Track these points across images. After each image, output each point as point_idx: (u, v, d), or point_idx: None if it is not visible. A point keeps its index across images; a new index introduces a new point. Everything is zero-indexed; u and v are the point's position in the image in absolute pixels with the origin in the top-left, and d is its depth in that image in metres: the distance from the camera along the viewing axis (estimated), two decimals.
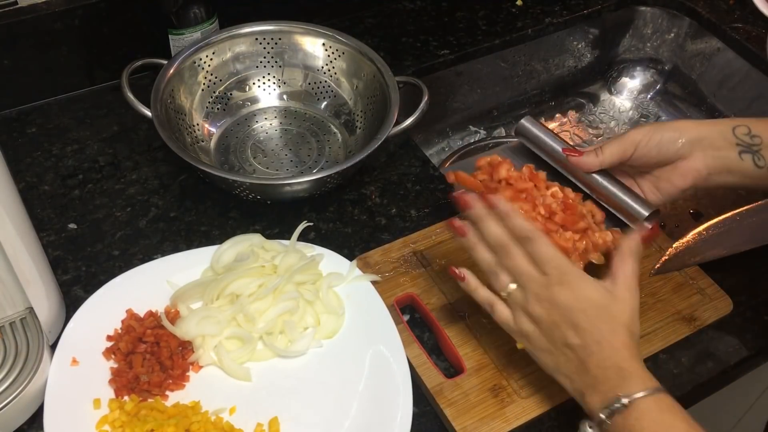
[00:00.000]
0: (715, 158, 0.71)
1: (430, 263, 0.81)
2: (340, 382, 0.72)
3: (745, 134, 0.71)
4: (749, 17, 1.18)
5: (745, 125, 0.71)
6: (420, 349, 0.73)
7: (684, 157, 0.72)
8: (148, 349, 0.72)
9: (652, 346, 0.75)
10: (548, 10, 1.19)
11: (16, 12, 0.92)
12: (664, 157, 0.72)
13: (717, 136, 0.71)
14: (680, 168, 0.72)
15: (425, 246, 0.83)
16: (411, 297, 0.78)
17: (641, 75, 1.32)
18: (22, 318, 0.70)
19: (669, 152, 0.72)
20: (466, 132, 1.23)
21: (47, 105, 1.00)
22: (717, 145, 0.71)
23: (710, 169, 0.72)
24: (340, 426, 0.68)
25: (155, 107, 0.86)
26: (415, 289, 0.79)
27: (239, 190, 0.83)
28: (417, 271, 0.80)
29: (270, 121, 0.99)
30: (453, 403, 0.70)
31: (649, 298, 0.78)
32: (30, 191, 0.89)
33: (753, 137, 0.71)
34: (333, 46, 0.97)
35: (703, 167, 0.71)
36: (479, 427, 0.68)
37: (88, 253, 0.82)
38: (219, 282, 0.75)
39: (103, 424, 0.67)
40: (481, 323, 0.75)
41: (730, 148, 0.71)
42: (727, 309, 0.78)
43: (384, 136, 0.85)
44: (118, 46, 1.00)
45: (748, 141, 0.71)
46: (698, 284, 0.80)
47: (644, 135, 0.72)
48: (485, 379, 0.72)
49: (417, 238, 0.84)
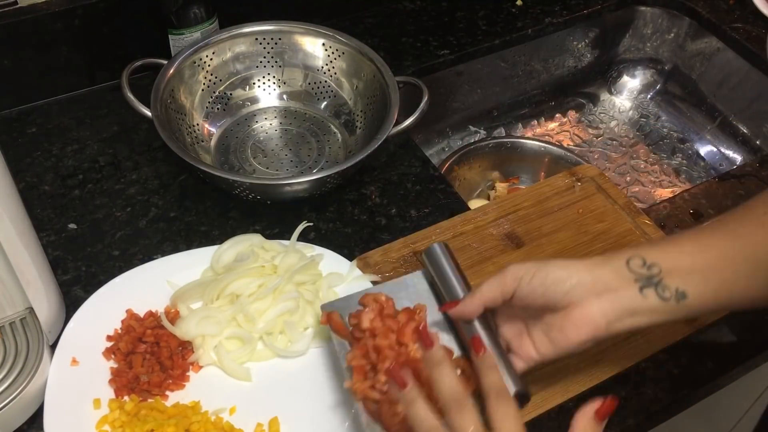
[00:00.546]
0: (613, 302, 0.59)
1: None
2: (340, 382, 0.71)
3: (640, 266, 0.60)
4: (749, 17, 1.18)
5: (638, 256, 0.60)
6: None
7: (576, 305, 0.60)
8: (148, 349, 0.72)
9: (652, 347, 0.75)
10: (548, 10, 1.19)
11: (16, 12, 0.92)
12: (551, 300, 0.60)
13: (611, 275, 0.60)
14: (573, 317, 0.60)
15: (425, 246, 0.83)
16: None
17: (641, 75, 1.32)
18: (22, 318, 0.70)
19: (556, 295, 0.60)
20: (466, 132, 1.23)
21: (47, 105, 1.00)
22: (613, 285, 0.60)
23: (609, 317, 0.59)
24: (340, 426, 0.68)
25: (155, 107, 0.86)
26: None
27: (239, 190, 0.83)
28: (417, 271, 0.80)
29: (270, 121, 0.99)
30: None
31: None
32: (30, 191, 0.89)
33: (650, 267, 0.60)
34: (333, 46, 0.97)
35: (600, 316, 0.59)
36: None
37: (88, 253, 0.83)
38: (219, 282, 0.75)
39: (103, 424, 0.67)
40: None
41: (629, 285, 0.60)
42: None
43: (384, 136, 0.85)
44: (118, 46, 1.00)
45: (646, 273, 0.60)
46: None
47: (526, 271, 0.61)
48: None
49: (416, 238, 0.84)
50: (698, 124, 1.26)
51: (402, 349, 0.62)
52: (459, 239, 0.84)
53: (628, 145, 1.27)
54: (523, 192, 0.91)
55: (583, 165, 1.03)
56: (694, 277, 0.59)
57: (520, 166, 1.18)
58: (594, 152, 1.25)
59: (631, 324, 0.60)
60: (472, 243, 0.84)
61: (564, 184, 0.91)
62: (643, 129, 1.29)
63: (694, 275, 0.60)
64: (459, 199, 0.91)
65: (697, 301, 0.59)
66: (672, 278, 0.59)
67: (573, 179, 0.91)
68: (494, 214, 0.87)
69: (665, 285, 0.59)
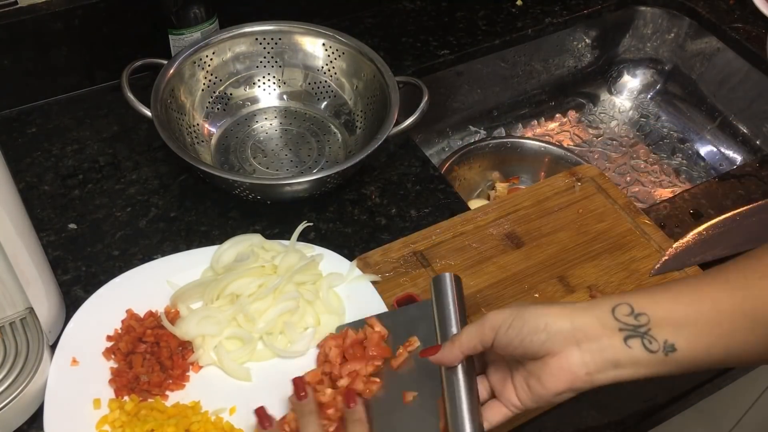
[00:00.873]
0: (594, 353, 0.56)
1: (430, 263, 0.81)
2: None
3: (627, 314, 0.56)
4: (749, 17, 1.18)
5: (625, 303, 0.56)
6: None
7: (553, 354, 0.56)
8: (148, 349, 0.72)
9: None
10: (548, 10, 1.19)
11: (16, 12, 0.92)
12: (529, 350, 0.57)
13: (593, 323, 0.56)
14: (551, 367, 0.56)
15: (425, 246, 0.83)
16: (411, 297, 0.78)
17: (641, 75, 1.32)
18: (22, 318, 0.70)
19: (533, 345, 0.57)
20: (466, 132, 1.23)
21: (47, 105, 1.00)
22: (594, 334, 0.56)
23: (590, 368, 0.56)
24: None
25: (155, 107, 0.86)
26: (415, 289, 0.79)
27: (239, 190, 0.83)
28: (417, 271, 0.80)
29: (270, 121, 0.99)
30: None
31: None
32: (30, 191, 0.89)
33: (638, 316, 0.56)
34: (333, 46, 0.97)
35: (579, 367, 0.56)
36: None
37: (88, 253, 0.82)
38: (219, 282, 0.75)
39: (103, 424, 0.67)
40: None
41: (612, 335, 0.56)
42: None
43: (384, 136, 0.85)
44: (118, 46, 1.00)
45: (633, 322, 0.56)
46: None
47: (504, 320, 0.58)
48: None
49: (417, 238, 0.84)
50: (698, 124, 1.26)
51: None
52: (459, 239, 0.84)
53: (628, 145, 1.27)
54: (523, 192, 0.91)
55: (584, 165, 1.03)
56: (686, 329, 0.55)
57: (520, 166, 1.18)
58: (594, 152, 1.25)
59: (615, 376, 0.56)
60: (472, 243, 0.84)
61: (564, 184, 0.91)
62: (643, 129, 1.29)
63: (687, 327, 0.55)
64: (459, 199, 0.91)
65: (687, 356, 0.55)
66: (661, 329, 0.55)
67: (573, 179, 0.92)
68: (494, 214, 0.87)
69: (652, 336, 0.55)
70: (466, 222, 0.86)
